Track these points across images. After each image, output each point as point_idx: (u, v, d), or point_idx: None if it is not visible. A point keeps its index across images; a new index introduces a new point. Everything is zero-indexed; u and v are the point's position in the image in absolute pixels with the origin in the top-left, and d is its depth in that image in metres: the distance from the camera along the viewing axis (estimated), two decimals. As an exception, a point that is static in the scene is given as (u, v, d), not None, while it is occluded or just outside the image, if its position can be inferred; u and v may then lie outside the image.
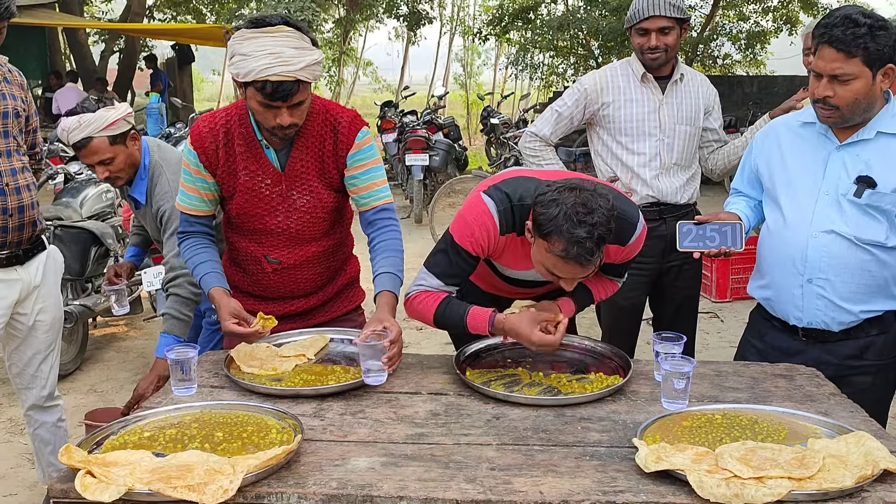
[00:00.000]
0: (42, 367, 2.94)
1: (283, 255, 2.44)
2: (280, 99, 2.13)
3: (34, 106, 2.89)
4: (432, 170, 9.78)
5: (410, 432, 1.86)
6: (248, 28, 2.13)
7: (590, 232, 1.93)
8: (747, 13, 15.85)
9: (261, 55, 2.08)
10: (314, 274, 2.51)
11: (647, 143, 3.13)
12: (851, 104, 2.17)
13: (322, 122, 2.34)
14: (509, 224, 2.20)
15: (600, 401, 2.04)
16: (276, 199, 2.36)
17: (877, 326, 2.32)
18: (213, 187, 2.38)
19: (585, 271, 2.04)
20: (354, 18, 21.78)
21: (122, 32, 17.69)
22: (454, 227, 2.26)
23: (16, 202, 2.66)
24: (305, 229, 2.42)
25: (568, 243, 1.94)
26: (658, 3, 3.02)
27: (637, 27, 3.09)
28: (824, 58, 2.16)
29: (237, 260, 2.53)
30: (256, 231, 2.42)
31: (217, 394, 2.09)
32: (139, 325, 5.69)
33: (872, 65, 2.12)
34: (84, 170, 6.37)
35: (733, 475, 1.56)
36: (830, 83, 2.16)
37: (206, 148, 2.31)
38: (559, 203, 1.96)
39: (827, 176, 2.28)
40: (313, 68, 2.15)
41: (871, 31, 2.10)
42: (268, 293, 2.52)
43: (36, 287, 2.81)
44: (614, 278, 2.48)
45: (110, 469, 1.59)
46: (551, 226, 1.96)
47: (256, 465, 1.59)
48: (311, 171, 2.36)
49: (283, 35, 2.10)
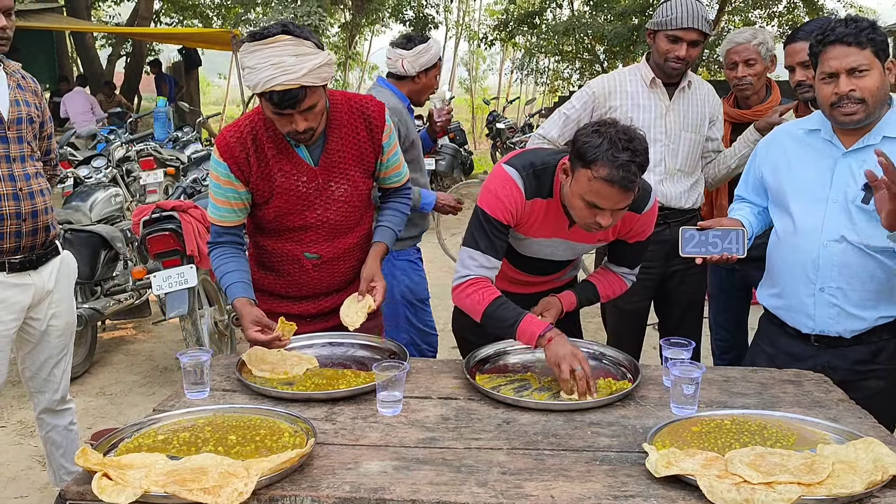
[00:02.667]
0: (55, 372, 2.96)
1: (323, 248, 2.48)
2: (289, 107, 2.16)
3: (48, 112, 2.91)
4: (438, 174, 9.82)
5: (422, 436, 1.87)
6: (250, 41, 2.17)
7: (632, 157, 2.04)
8: (753, 19, 15.86)
9: (264, 67, 2.11)
10: (350, 266, 2.55)
11: (653, 149, 3.12)
12: (875, 94, 2.17)
13: (350, 112, 2.39)
14: (534, 188, 2.28)
15: (610, 406, 2.05)
16: (314, 193, 2.39)
17: (888, 331, 2.33)
18: (245, 196, 2.39)
19: (626, 199, 2.10)
20: (360, 23, 21.85)
21: (129, 36, 17.77)
22: (482, 200, 2.32)
23: (30, 207, 2.68)
24: (344, 219, 2.46)
25: (613, 167, 2.03)
26: (696, 15, 3.02)
27: (668, 33, 3.06)
28: (836, 56, 2.16)
29: (269, 264, 2.54)
30: (295, 228, 2.45)
31: (229, 397, 2.11)
32: (148, 328, 5.72)
33: (880, 56, 2.16)
34: (93, 174, 6.43)
35: (743, 480, 1.57)
36: (849, 78, 2.16)
37: (236, 157, 2.32)
38: (602, 133, 2.07)
39: (835, 183, 2.28)
40: (318, 72, 2.16)
41: (872, 25, 2.17)
42: (304, 292, 2.54)
43: (49, 292, 2.83)
44: (625, 271, 2.50)
45: (126, 472, 1.61)
46: (596, 152, 2.05)
47: (270, 469, 1.61)
48: (349, 160, 2.41)
49: (282, 44, 2.12)
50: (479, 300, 2.28)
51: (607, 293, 2.53)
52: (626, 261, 2.51)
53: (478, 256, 2.32)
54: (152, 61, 17.82)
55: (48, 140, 2.91)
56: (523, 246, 2.44)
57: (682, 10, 3.02)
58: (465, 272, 2.33)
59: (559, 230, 2.36)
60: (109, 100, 14.64)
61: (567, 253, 2.46)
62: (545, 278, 2.57)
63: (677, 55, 3.05)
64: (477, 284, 2.31)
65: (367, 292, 2.44)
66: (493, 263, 2.32)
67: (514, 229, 2.38)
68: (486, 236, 2.31)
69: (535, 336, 2.19)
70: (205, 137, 11.43)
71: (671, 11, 3.05)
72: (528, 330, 2.21)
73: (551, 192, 2.30)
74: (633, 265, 2.52)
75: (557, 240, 2.39)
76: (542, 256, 2.46)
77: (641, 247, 2.47)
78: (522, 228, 2.37)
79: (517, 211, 2.29)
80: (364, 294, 2.43)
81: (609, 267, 2.55)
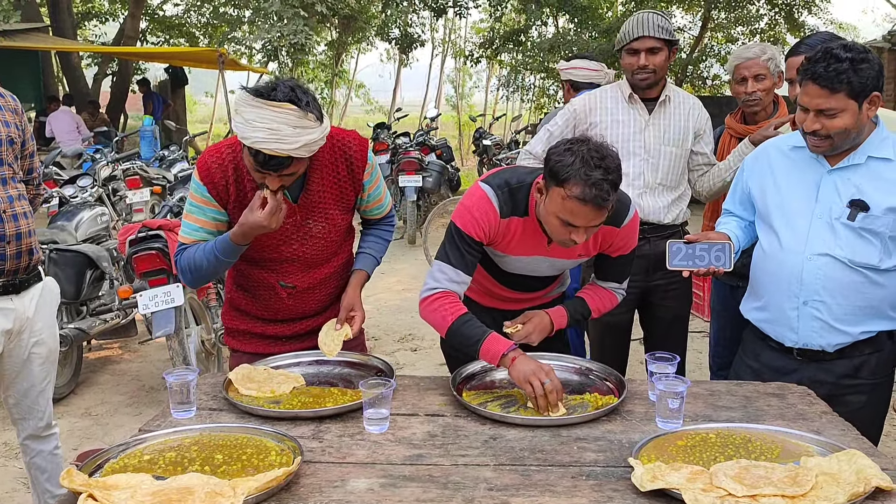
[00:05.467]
0: (39, 400, 2.92)
1: (298, 279, 2.47)
2: (271, 169, 2.13)
3: (30, 130, 2.87)
4: (425, 191, 9.83)
5: (408, 453, 1.87)
6: (255, 96, 2.10)
7: (604, 175, 2.05)
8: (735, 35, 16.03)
9: (259, 127, 2.06)
10: (326, 294, 2.55)
11: (632, 163, 3.18)
12: (841, 133, 2.21)
13: (331, 150, 2.37)
14: (509, 207, 2.30)
15: (595, 421, 2.06)
16: (291, 228, 2.37)
17: (870, 346, 2.35)
18: (225, 217, 2.36)
19: (600, 216, 2.11)
20: (347, 41, 21.94)
21: (115, 56, 17.76)
22: (456, 216, 2.34)
23: (13, 229, 2.65)
24: (320, 253, 2.46)
25: (586, 185, 2.04)
26: (647, 24, 3.11)
27: (627, 48, 3.16)
28: (809, 94, 2.20)
29: (246, 286, 2.53)
30: (271, 260, 2.43)
31: (216, 416, 2.11)
32: (134, 347, 5.68)
33: (857, 97, 2.16)
34: (79, 193, 6.40)
35: (728, 493, 1.59)
36: (818, 117, 2.20)
37: (216, 183, 2.30)
38: (574, 151, 2.08)
39: (820, 199, 2.31)
40: (311, 146, 2.14)
41: (852, 66, 2.13)
42: (279, 316, 2.54)
43: (29, 319, 2.79)
44: (614, 286, 2.52)
45: (111, 492, 1.60)
46: (569, 171, 2.06)
47: (257, 487, 1.61)
48: (328, 199, 2.40)
49: (284, 112, 2.07)
50: (445, 315, 2.29)
51: (599, 308, 2.54)
52: (612, 275, 2.53)
53: (448, 270, 2.34)
54: (140, 80, 17.81)
55: (30, 159, 2.88)
56: (505, 263, 2.46)
57: (633, 23, 3.16)
58: (435, 285, 2.34)
59: (538, 247, 2.37)
60: (93, 119, 14.59)
61: (549, 269, 2.48)
62: (531, 295, 2.59)
63: (639, 65, 3.13)
64: (444, 299, 2.31)
65: (346, 321, 2.44)
66: (461, 278, 2.34)
67: (492, 247, 2.39)
68: (457, 251, 2.33)
69: (499, 355, 2.19)
70: (191, 156, 11.41)
71: (626, 27, 3.20)
72: (491, 349, 2.21)
73: (527, 211, 2.32)
74: (620, 279, 2.54)
75: (538, 257, 2.40)
76: (525, 273, 2.47)
77: (626, 260, 2.48)
78: (500, 246, 2.38)
79: (490, 229, 2.31)
80: (343, 323, 2.43)
81: (597, 283, 2.57)
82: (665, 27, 3.13)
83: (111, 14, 21.10)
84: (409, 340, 5.90)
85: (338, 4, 16.35)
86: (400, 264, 8.32)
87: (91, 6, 21.21)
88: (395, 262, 8.32)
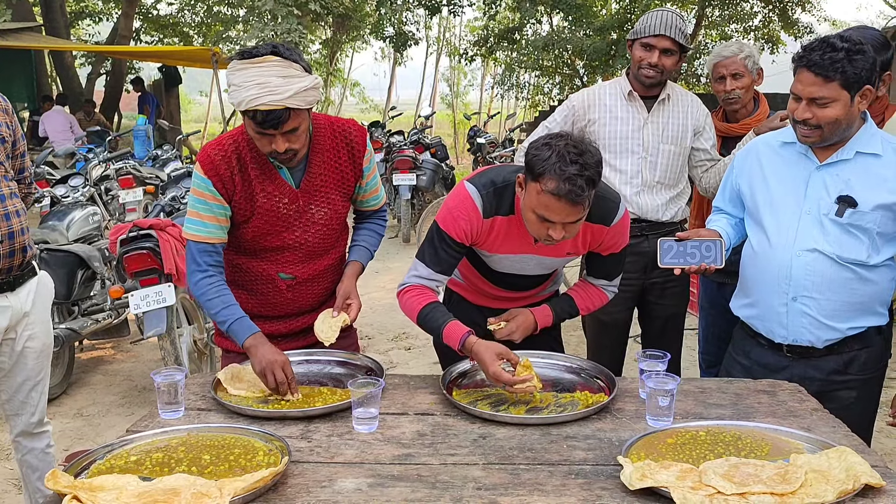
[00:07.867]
0: (32, 394, 2.92)
1: (298, 269, 2.48)
2: (271, 126, 2.16)
3: (20, 130, 2.87)
4: (420, 189, 9.81)
5: (397, 453, 1.87)
6: (239, 59, 2.17)
7: (580, 170, 2.03)
8: (729, 32, 16.06)
9: (249, 86, 2.12)
10: (323, 287, 2.56)
11: (630, 161, 3.17)
12: (832, 124, 2.20)
13: (332, 136, 2.41)
14: (493, 206, 2.30)
15: (586, 419, 2.05)
16: (294, 215, 2.40)
17: (860, 341, 2.35)
18: (229, 212, 2.36)
19: (576, 212, 2.09)
20: (341, 39, 21.92)
21: (109, 55, 17.72)
22: (439, 215, 2.36)
23: (6, 228, 2.64)
24: (321, 242, 2.47)
25: (560, 180, 2.03)
26: (669, 24, 3.09)
27: (642, 41, 3.13)
28: (802, 81, 2.19)
29: (242, 282, 2.52)
30: (272, 248, 2.44)
31: (204, 416, 2.09)
32: (126, 348, 5.66)
33: (850, 88, 2.16)
34: (70, 192, 6.38)
35: (717, 491, 1.58)
36: (809, 106, 2.20)
37: (221, 175, 2.30)
38: (552, 146, 2.07)
39: (808, 195, 2.31)
40: (304, 95, 2.16)
41: (848, 56, 2.13)
42: (276, 311, 2.53)
43: (25, 314, 2.80)
44: (604, 283, 2.51)
45: (97, 494, 1.59)
46: (544, 165, 2.05)
47: (244, 488, 1.60)
48: (330, 183, 2.42)
49: (269, 65, 2.13)
50: (414, 305, 2.35)
51: (586, 306, 2.54)
52: (603, 273, 2.52)
53: (421, 269, 2.38)
54: (134, 79, 17.76)
55: (21, 158, 2.87)
56: (493, 262, 2.45)
57: (656, 19, 3.12)
58: (408, 281, 2.41)
59: (525, 246, 2.36)
60: (89, 118, 14.56)
61: (538, 268, 2.47)
62: (523, 294, 2.57)
63: (649, 62, 3.11)
64: (415, 290, 2.38)
65: (343, 309, 2.44)
66: (434, 277, 2.37)
67: (477, 247, 2.39)
68: (433, 250, 2.36)
69: (458, 339, 2.24)
70: (185, 155, 11.39)
71: (646, 20, 3.16)
72: (452, 334, 2.26)
73: (513, 209, 2.31)
74: (611, 277, 2.53)
75: (526, 255, 2.39)
76: (514, 271, 2.47)
77: (617, 259, 2.47)
78: (485, 245, 2.38)
79: (472, 230, 2.31)
80: (339, 310, 2.43)
81: (588, 279, 2.56)
82: (684, 32, 3.13)
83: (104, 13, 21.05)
84: (403, 339, 5.90)
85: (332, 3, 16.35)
86: (394, 263, 8.30)
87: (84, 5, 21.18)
88: (388, 260, 8.31)
